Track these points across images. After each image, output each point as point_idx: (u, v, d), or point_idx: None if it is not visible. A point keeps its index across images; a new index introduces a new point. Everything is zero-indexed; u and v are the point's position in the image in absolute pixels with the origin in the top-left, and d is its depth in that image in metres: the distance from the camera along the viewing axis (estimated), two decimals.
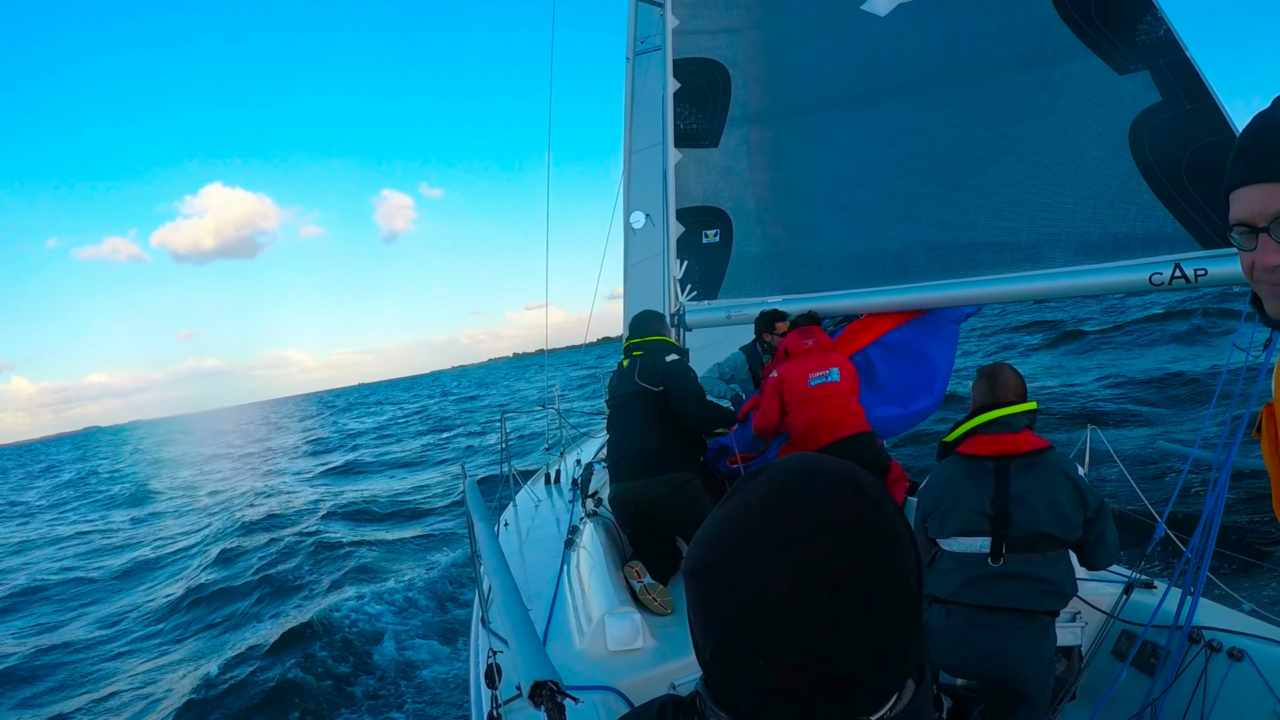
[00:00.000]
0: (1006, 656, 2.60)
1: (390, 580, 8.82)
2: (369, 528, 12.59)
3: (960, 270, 4.08)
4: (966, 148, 4.20)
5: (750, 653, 0.66)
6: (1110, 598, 3.33)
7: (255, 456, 32.56)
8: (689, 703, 0.78)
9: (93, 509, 22.83)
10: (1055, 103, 4.06)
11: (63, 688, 7.49)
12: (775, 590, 0.64)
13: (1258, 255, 1.01)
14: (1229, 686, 2.67)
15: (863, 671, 0.66)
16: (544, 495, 5.35)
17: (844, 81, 4.39)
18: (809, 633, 0.64)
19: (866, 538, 0.66)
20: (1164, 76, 3.85)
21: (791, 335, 4.12)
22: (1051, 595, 2.63)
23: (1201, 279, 3.63)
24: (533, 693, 1.64)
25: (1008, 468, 2.65)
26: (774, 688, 0.66)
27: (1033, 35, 4.09)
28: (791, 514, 0.66)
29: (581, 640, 2.96)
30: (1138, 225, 3.84)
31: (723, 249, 4.52)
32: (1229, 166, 1.05)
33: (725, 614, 0.67)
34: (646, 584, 3.40)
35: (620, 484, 3.75)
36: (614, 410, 3.96)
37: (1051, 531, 2.59)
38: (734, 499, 0.71)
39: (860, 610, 0.64)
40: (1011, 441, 2.66)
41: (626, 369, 3.96)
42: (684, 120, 4.52)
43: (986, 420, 2.71)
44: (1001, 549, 2.60)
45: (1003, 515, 2.60)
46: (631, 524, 3.77)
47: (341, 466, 22.41)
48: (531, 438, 13.54)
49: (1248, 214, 1.01)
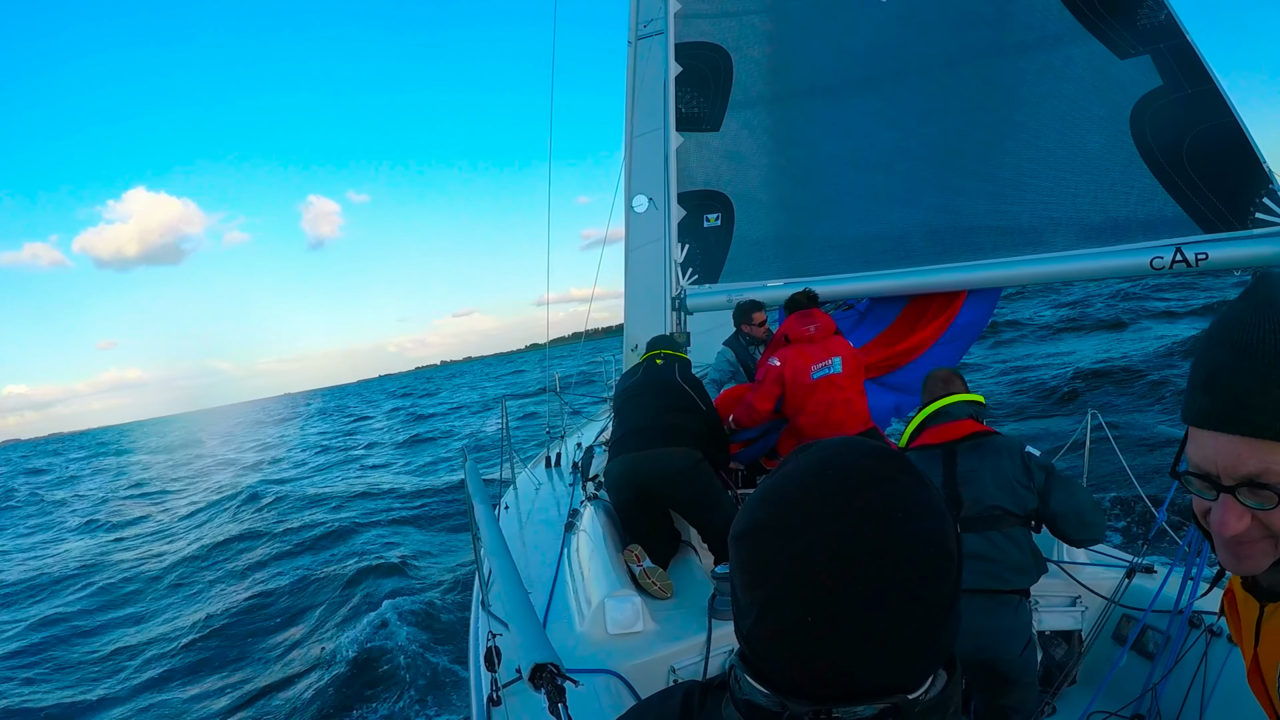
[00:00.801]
0: (984, 638, 2.60)
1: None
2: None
3: (961, 254, 4.09)
4: (968, 132, 4.21)
5: (798, 610, 0.65)
6: (1111, 582, 3.32)
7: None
8: (719, 684, 0.78)
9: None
10: (1057, 87, 4.07)
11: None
12: (827, 545, 0.65)
13: (1216, 514, 0.82)
14: (1229, 671, 2.66)
15: (904, 643, 0.66)
16: (544, 478, 5.34)
17: (845, 66, 4.39)
18: (856, 590, 0.64)
19: (917, 510, 0.68)
20: (1165, 60, 3.86)
21: (791, 320, 3.96)
22: (1015, 573, 2.62)
23: (1202, 262, 3.64)
24: (533, 675, 1.64)
25: (954, 451, 2.72)
26: (816, 651, 0.65)
27: (1034, 20, 4.10)
28: (846, 478, 0.68)
29: (582, 623, 2.95)
30: (1139, 209, 3.85)
31: (724, 233, 4.52)
32: (1189, 391, 0.83)
33: (775, 570, 0.67)
34: (646, 567, 3.35)
35: (630, 454, 3.59)
36: (634, 395, 3.84)
37: (1003, 505, 2.61)
38: (786, 466, 0.72)
39: (906, 577, 0.65)
40: (955, 428, 2.77)
41: (662, 366, 3.89)
42: (685, 104, 4.51)
43: (930, 413, 2.84)
44: (957, 530, 2.62)
45: (954, 498, 2.65)
46: (632, 504, 3.64)
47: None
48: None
49: (1209, 465, 0.81)
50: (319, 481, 19.33)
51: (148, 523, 17.48)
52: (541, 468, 5.66)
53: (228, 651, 7.89)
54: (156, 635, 8.83)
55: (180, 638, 8.49)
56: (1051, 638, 3.34)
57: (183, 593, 10.66)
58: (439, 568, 9.43)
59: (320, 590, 9.27)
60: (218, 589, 10.36)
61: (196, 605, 9.75)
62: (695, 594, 3.20)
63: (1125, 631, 3.18)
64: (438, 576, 8.96)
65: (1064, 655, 3.36)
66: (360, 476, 19.15)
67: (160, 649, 8.30)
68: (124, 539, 15.75)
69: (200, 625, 8.73)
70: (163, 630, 8.98)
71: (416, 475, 17.94)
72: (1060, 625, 3.31)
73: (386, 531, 11.89)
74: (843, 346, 3.92)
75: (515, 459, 5.51)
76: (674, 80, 4.49)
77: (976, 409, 2.87)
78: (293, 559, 11.10)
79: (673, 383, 3.80)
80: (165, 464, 35.97)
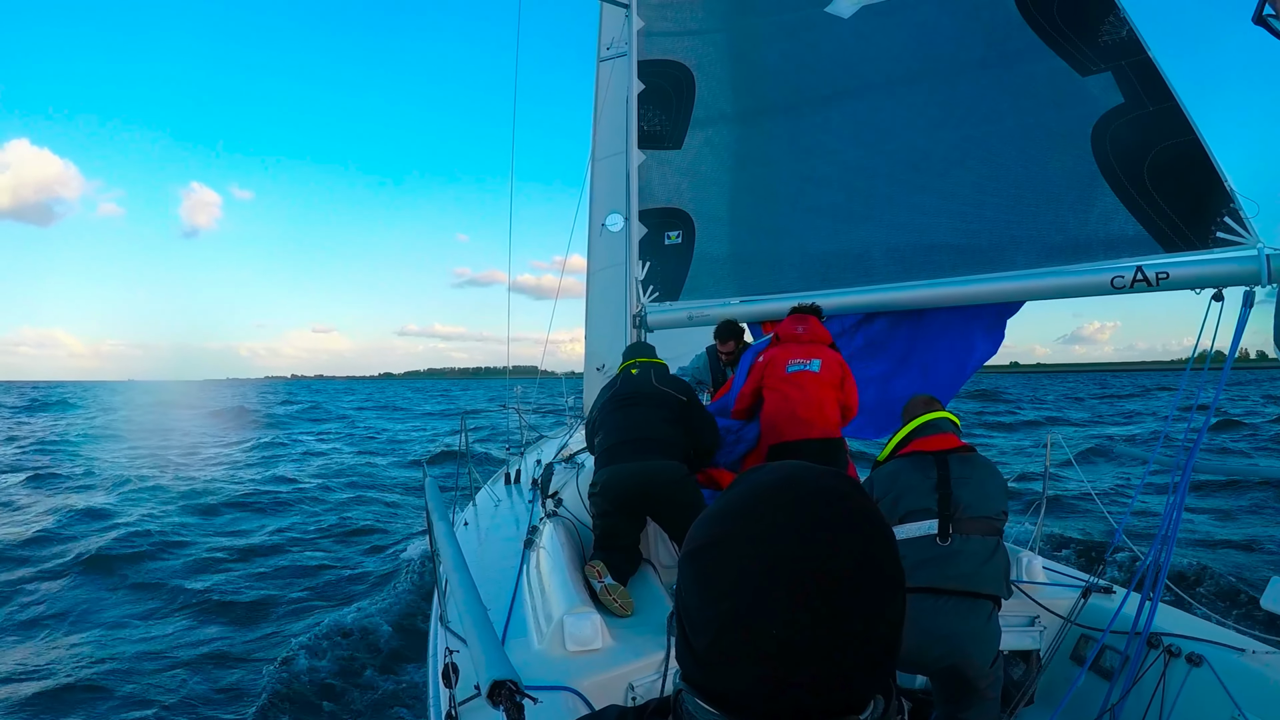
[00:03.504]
0: (957, 640, 2.68)
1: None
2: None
3: (921, 272, 4.03)
4: (929, 150, 4.17)
5: (763, 624, 0.64)
6: (1068, 602, 3.30)
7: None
8: (654, 709, 0.76)
9: None
10: (1017, 104, 4.03)
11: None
12: (800, 556, 0.65)
13: None
14: (1187, 692, 2.67)
15: (862, 661, 0.66)
16: (504, 495, 5.31)
17: (807, 83, 4.37)
18: (823, 604, 0.64)
19: (878, 528, 0.68)
20: (1126, 77, 3.81)
21: (786, 320, 4.03)
22: (991, 579, 2.74)
23: (1163, 282, 3.56)
24: (491, 692, 1.63)
25: (947, 460, 2.88)
26: (777, 668, 0.64)
27: (995, 36, 4.06)
28: (814, 493, 0.68)
29: (541, 640, 2.93)
30: (1099, 228, 3.78)
31: (685, 250, 4.48)
32: None
33: (741, 583, 0.66)
34: (607, 584, 3.35)
35: (626, 464, 3.61)
36: (619, 405, 3.88)
37: (988, 514, 2.79)
38: (742, 484, 0.73)
39: (872, 592, 0.66)
40: (946, 439, 2.95)
41: (638, 375, 3.97)
42: (647, 121, 4.50)
43: (920, 424, 3.00)
44: (949, 529, 2.76)
45: (948, 497, 2.79)
46: (617, 513, 3.63)
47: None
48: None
49: None
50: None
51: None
52: (501, 484, 5.63)
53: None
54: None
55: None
56: (1010, 657, 3.31)
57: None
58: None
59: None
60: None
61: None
62: (654, 611, 3.20)
63: (1084, 651, 3.18)
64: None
65: (1022, 675, 3.34)
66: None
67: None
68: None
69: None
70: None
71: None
72: (1019, 645, 3.30)
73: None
74: (829, 355, 3.92)
75: (474, 474, 5.49)
76: (636, 97, 4.49)
77: (957, 429, 3.04)
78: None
79: (652, 390, 3.86)
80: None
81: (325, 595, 7.84)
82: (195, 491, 13.69)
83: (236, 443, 24.22)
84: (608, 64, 5.59)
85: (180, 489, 13.95)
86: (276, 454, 21.75)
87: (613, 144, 5.46)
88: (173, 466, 17.79)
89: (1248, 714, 2.45)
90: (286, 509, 12.65)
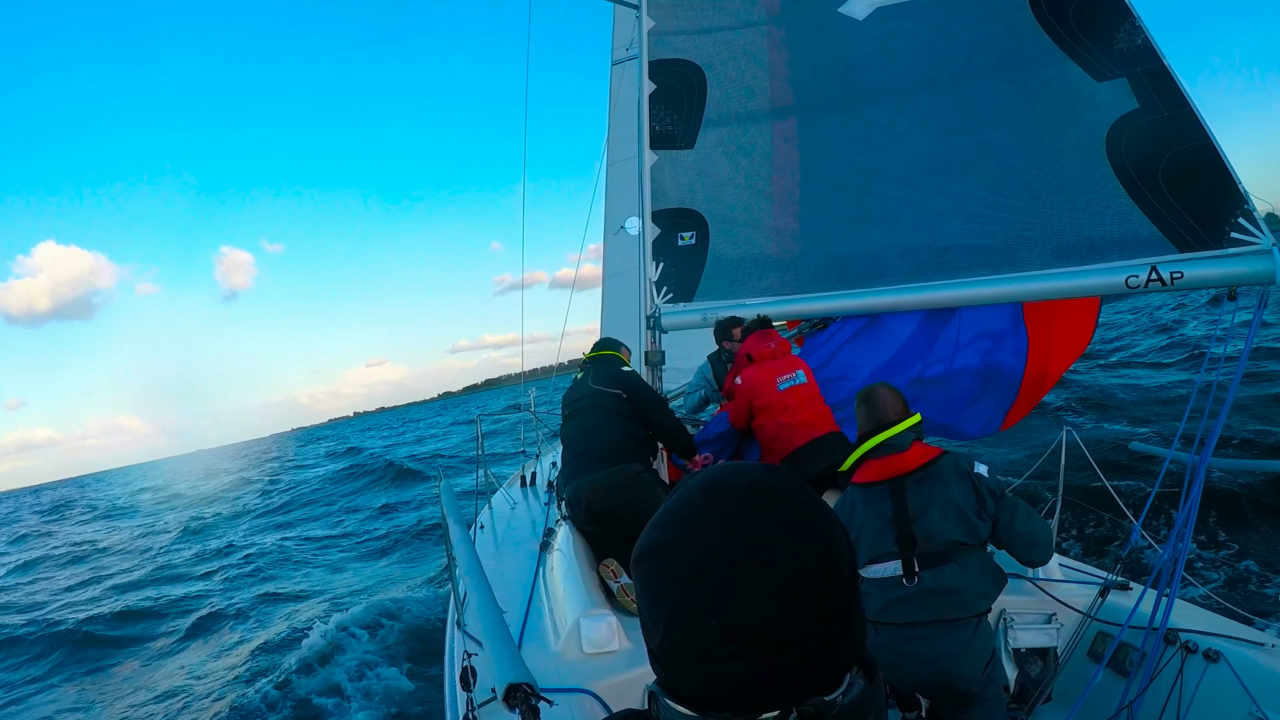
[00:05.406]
0: (942, 661, 2.58)
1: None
2: None
3: (936, 273, 4.03)
4: (944, 153, 4.18)
5: (699, 620, 0.66)
6: (1086, 599, 3.31)
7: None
8: (640, 714, 0.78)
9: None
10: (1033, 108, 4.05)
11: None
12: (719, 552, 0.67)
13: None
14: (1205, 688, 2.66)
15: (808, 645, 0.67)
16: (519, 498, 5.31)
17: (821, 85, 4.37)
18: (751, 593, 0.65)
19: (804, 513, 0.70)
20: (1141, 84, 3.85)
21: (751, 339, 4.16)
22: (974, 599, 2.60)
23: (1178, 281, 3.59)
24: (507, 695, 1.65)
25: (903, 486, 2.68)
26: (723, 661, 0.66)
27: (1010, 41, 4.09)
28: (732, 490, 0.71)
29: (557, 642, 2.93)
30: (1114, 229, 3.81)
31: (699, 251, 4.46)
32: None
33: (673, 584, 0.69)
34: (624, 583, 3.39)
35: (574, 483, 3.72)
36: (569, 416, 4.00)
37: (958, 538, 2.59)
38: (677, 492, 0.76)
39: (799, 577, 0.67)
40: (900, 461, 2.70)
41: (581, 378, 4.03)
42: (660, 122, 4.49)
43: (873, 445, 2.74)
44: (913, 567, 2.60)
45: (906, 536, 2.61)
46: (591, 524, 3.69)
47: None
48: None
49: None
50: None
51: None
52: (517, 486, 5.61)
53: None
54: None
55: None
56: (1027, 655, 3.30)
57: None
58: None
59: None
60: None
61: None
62: None
63: (1101, 648, 3.17)
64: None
65: (1039, 672, 3.33)
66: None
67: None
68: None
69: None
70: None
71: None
72: (1035, 643, 3.28)
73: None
74: (801, 363, 4.18)
75: (491, 477, 5.47)
76: (648, 98, 4.47)
77: (918, 430, 2.81)
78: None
79: (593, 393, 3.90)
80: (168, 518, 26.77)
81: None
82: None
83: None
84: (620, 67, 5.57)
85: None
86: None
87: (626, 148, 5.46)
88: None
89: (1266, 710, 2.44)
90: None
